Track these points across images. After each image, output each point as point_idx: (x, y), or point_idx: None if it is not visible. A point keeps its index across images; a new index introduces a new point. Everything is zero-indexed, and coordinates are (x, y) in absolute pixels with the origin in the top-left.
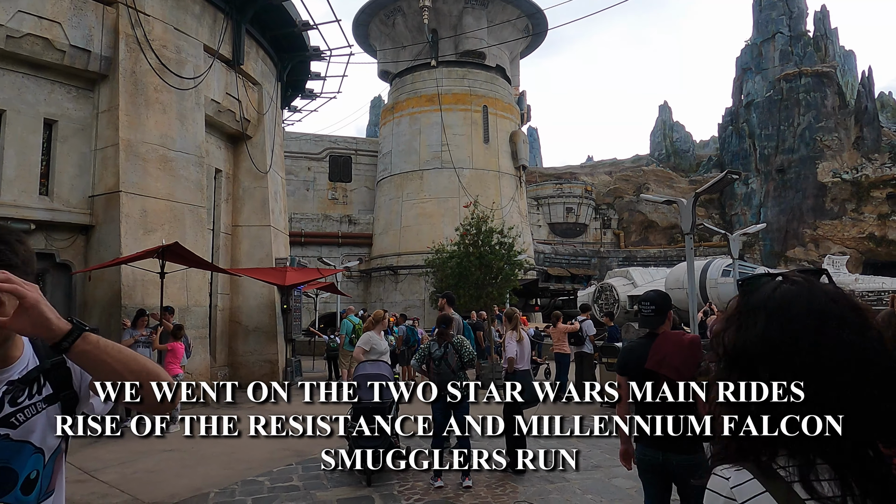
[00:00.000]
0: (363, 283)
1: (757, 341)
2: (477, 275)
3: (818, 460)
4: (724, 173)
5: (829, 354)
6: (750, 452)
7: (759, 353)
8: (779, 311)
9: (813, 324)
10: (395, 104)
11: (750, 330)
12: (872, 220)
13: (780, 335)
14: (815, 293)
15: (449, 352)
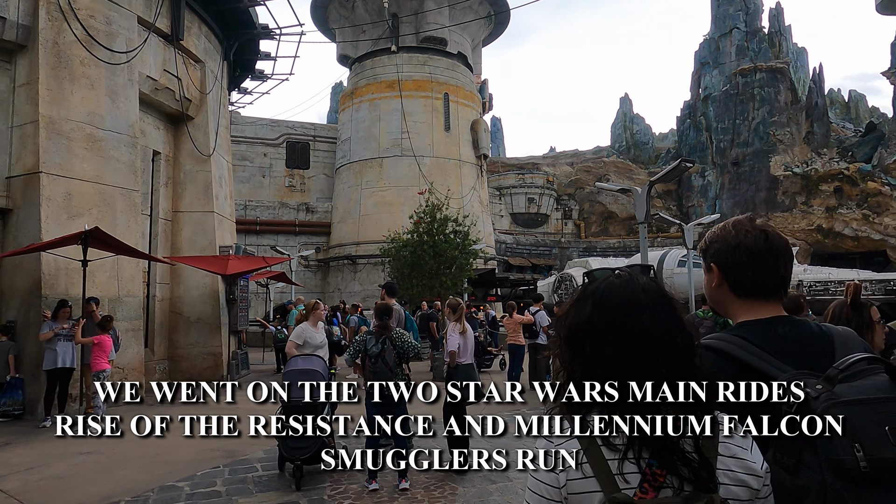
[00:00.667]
0: (321, 273)
1: (584, 323)
2: (431, 264)
3: (615, 416)
4: (677, 162)
5: (632, 332)
6: (575, 410)
7: (585, 332)
8: (602, 300)
9: (624, 309)
10: (354, 90)
11: (581, 314)
12: (821, 213)
13: (600, 318)
14: (631, 286)
15: (387, 348)
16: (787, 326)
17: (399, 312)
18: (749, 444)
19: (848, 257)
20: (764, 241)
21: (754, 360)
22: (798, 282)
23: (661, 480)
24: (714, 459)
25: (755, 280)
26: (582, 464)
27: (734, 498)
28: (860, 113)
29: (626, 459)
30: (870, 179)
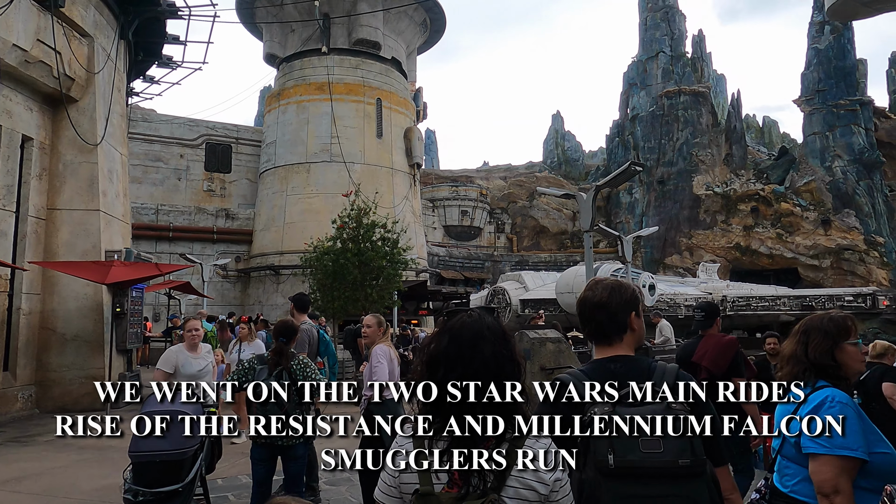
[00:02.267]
0: (241, 284)
1: (440, 352)
2: (355, 274)
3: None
4: (627, 164)
5: (475, 361)
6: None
7: (441, 359)
8: (456, 334)
9: (469, 342)
10: (281, 90)
11: (439, 345)
12: (739, 231)
13: (452, 349)
14: (479, 324)
15: (283, 383)
16: (618, 363)
17: (308, 333)
18: (544, 458)
19: (763, 274)
20: (584, 297)
21: (580, 387)
22: (722, 297)
23: (464, 479)
24: (509, 469)
25: (583, 327)
26: (412, 461)
27: (522, 499)
28: (773, 138)
29: (443, 461)
30: (783, 200)
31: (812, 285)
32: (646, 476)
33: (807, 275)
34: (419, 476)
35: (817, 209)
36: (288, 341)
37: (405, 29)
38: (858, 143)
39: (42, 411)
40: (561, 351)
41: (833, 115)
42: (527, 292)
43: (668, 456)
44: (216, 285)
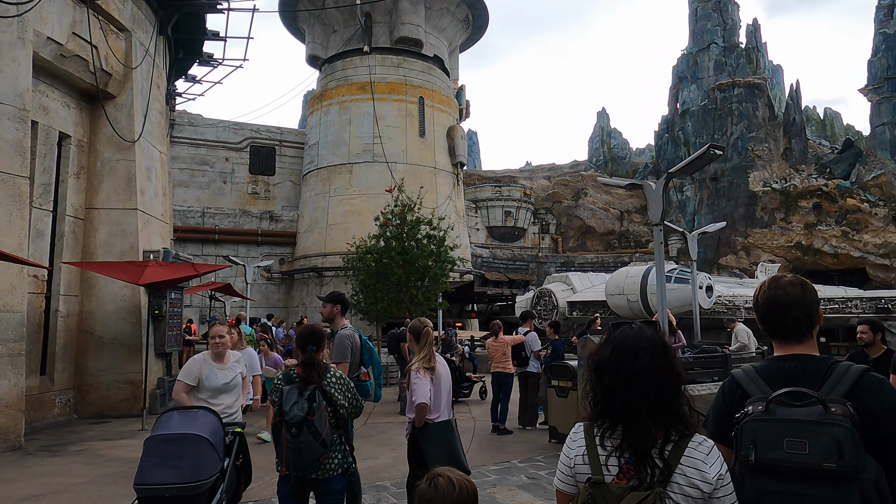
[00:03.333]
0: (285, 286)
1: (605, 360)
2: (399, 274)
3: (612, 423)
4: (705, 147)
5: (634, 369)
6: (589, 417)
7: (605, 366)
8: (617, 345)
9: (631, 352)
10: (323, 92)
11: (603, 354)
12: (799, 230)
13: (615, 358)
14: (640, 335)
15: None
16: (794, 362)
17: (351, 339)
18: (709, 458)
19: (826, 274)
20: (773, 296)
21: (749, 385)
22: None
23: (632, 473)
24: (675, 465)
25: (769, 327)
26: (584, 455)
27: (686, 495)
28: (836, 130)
29: (612, 456)
30: (849, 196)
31: (882, 286)
32: (786, 475)
33: (876, 275)
34: (591, 467)
35: (888, 205)
36: (318, 350)
37: (447, 26)
38: None
39: (80, 417)
40: None
41: None
42: (574, 294)
43: (813, 458)
44: (260, 287)
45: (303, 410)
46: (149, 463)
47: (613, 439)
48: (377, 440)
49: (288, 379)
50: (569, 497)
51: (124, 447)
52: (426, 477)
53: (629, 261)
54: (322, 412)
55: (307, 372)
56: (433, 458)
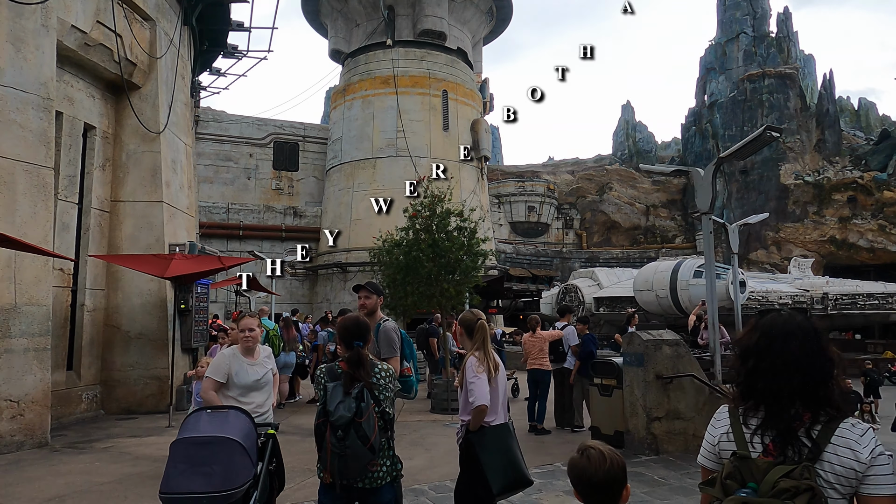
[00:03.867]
0: (309, 282)
1: (753, 345)
2: (429, 267)
3: (755, 404)
4: (762, 129)
5: (781, 354)
6: (734, 399)
7: (752, 351)
8: (766, 330)
9: (780, 337)
10: (346, 86)
11: (751, 339)
12: (833, 224)
13: (764, 343)
14: (788, 321)
15: (365, 408)
16: None
17: (396, 332)
18: (863, 439)
19: (862, 269)
20: None
21: None
22: (822, 295)
23: (777, 452)
24: (824, 445)
25: None
26: (728, 433)
27: (836, 474)
28: (871, 121)
29: (756, 435)
30: (886, 189)
31: None
32: None
33: None
34: (737, 443)
35: None
36: (365, 344)
37: (470, 18)
38: None
39: (107, 412)
40: (680, 356)
41: None
42: (601, 290)
43: None
44: (285, 283)
45: (350, 411)
46: (176, 469)
47: (757, 419)
48: (409, 440)
49: (332, 375)
50: (711, 473)
51: (151, 445)
52: (578, 448)
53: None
54: (371, 413)
55: (355, 369)
56: (491, 466)
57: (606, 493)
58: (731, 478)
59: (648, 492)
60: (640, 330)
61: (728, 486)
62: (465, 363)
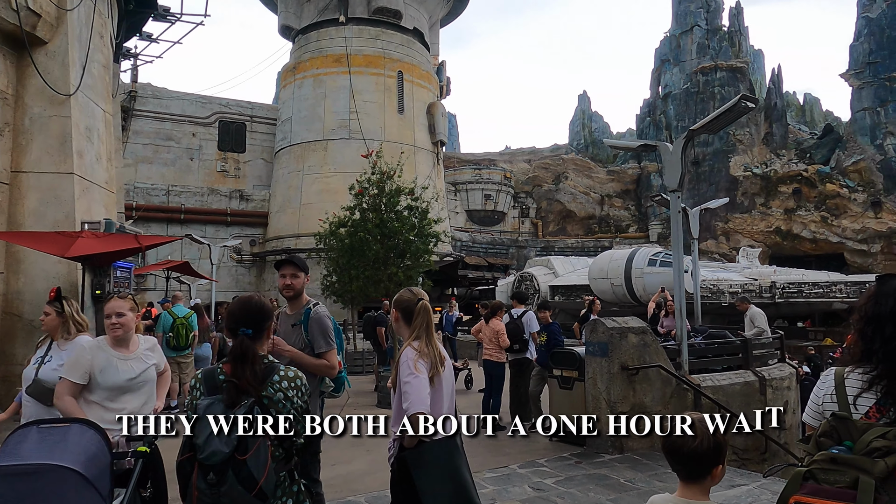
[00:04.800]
0: (256, 269)
1: (888, 312)
2: (376, 250)
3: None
4: (737, 98)
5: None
6: (843, 363)
7: (888, 317)
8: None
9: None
10: (297, 64)
11: (884, 306)
12: (779, 215)
13: None
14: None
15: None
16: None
17: (327, 318)
18: None
19: (804, 259)
20: None
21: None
22: (770, 283)
23: (883, 413)
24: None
25: None
26: (832, 395)
27: None
28: (815, 116)
29: (860, 397)
30: (828, 181)
31: (859, 271)
32: None
33: (854, 260)
34: (839, 405)
35: (867, 190)
36: (257, 336)
37: None
38: None
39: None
40: (646, 345)
41: (885, 88)
42: (556, 278)
43: None
44: (230, 270)
45: (229, 445)
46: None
47: (865, 382)
48: (351, 440)
49: (210, 384)
50: (813, 429)
51: None
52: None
53: (609, 245)
54: (261, 447)
55: (238, 375)
56: (431, 493)
57: (696, 465)
58: (826, 436)
59: (615, 499)
60: (601, 317)
61: (822, 444)
62: (400, 356)
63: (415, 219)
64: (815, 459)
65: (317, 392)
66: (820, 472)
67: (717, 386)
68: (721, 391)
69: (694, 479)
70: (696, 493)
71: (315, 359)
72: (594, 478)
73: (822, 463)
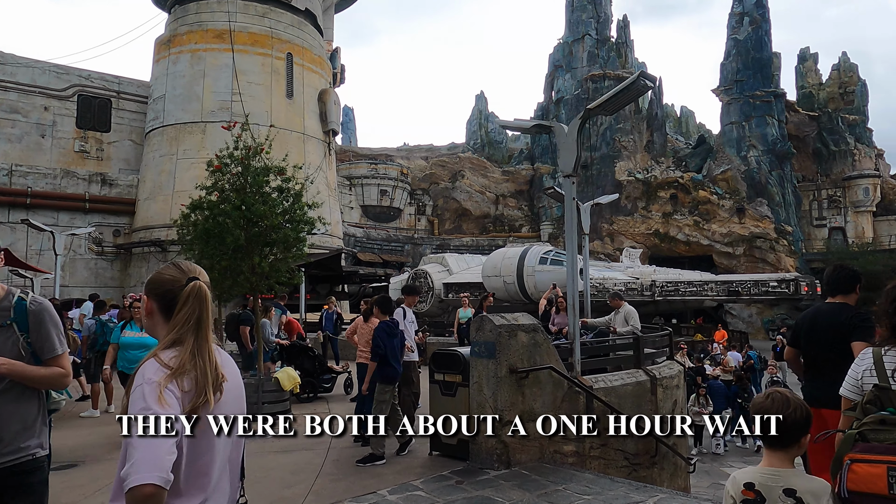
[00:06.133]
0: (120, 262)
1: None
2: (237, 235)
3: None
4: (636, 75)
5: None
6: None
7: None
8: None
9: None
10: (172, 37)
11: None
12: (658, 218)
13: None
14: None
15: None
16: None
17: (51, 312)
18: None
19: (679, 260)
20: None
21: None
22: (651, 282)
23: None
24: None
25: None
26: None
27: None
28: (690, 128)
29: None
30: (700, 189)
31: (725, 272)
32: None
33: (721, 262)
34: (878, 377)
35: (733, 197)
36: None
37: None
38: (772, 134)
39: None
40: (537, 344)
41: (749, 105)
42: (451, 276)
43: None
44: (88, 263)
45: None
46: None
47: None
48: None
49: None
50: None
51: None
52: (765, 391)
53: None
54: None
55: None
56: None
57: (787, 433)
58: (871, 403)
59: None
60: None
61: (867, 409)
62: (134, 376)
63: (285, 202)
64: (865, 422)
65: (43, 412)
66: (870, 432)
67: (609, 387)
68: (613, 392)
69: (783, 447)
70: (783, 460)
71: (44, 368)
72: (476, 500)
73: (872, 424)
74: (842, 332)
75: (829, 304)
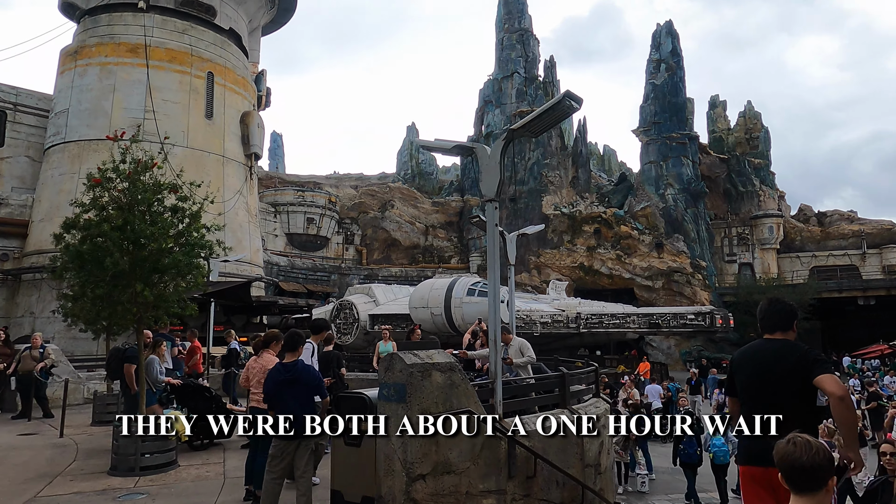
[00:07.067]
0: (6, 290)
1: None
2: (117, 258)
3: None
4: (561, 95)
5: None
6: None
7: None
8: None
9: None
10: (80, 48)
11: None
12: (583, 252)
13: None
14: None
15: None
16: None
17: None
18: None
19: (602, 293)
20: None
21: None
22: (576, 314)
23: None
24: None
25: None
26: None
27: None
28: (612, 166)
29: None
30: (622, 224)
31: (646, 304)
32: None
33: (641, 294)
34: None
35: (652, 233)
36: None
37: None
38: (687, 174)
39: None
40: (454, 385)
41: (666, 146)
42: (377, 307)
43: None
44: None
45: None
46: None
47: None
48: None
49: None
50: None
51: None
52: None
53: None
54: None
55: None
56: None
57: (810, 478)
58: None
59: None
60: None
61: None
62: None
63: (177, 221)
64: None
65: None
66: None
67: (532, 430)
68: (537, 436)
69: (811, 491)
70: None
71: None
72: None
73: None
74: (797, 372)
75: (769, 342)
